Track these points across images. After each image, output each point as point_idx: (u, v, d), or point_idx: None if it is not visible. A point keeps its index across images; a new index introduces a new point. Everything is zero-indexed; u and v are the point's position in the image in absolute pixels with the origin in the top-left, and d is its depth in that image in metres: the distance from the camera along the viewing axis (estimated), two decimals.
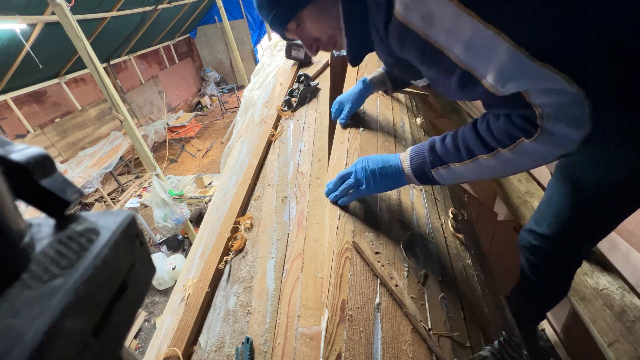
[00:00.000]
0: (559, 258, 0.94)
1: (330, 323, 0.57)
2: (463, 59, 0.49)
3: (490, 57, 0.46)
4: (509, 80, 0.47)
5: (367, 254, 0.66)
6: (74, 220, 0.19)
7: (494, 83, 0.49)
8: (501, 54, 0.45)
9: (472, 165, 0.61)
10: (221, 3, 5.33)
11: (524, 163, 0.56)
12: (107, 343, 0.17)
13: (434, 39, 0.49)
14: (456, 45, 0.48)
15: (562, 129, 0.48)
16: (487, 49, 0.46)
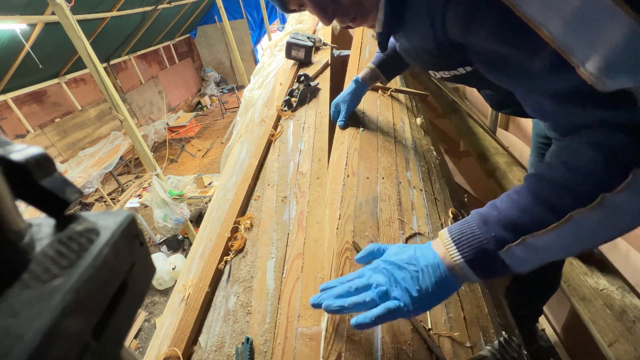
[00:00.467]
0: None
1: (330, 323, 0.57)
2: (559, 37, 0.35)
3: (599, 35, 0.34)
4: (620, 71, 0.34)
5: None
6: (74, 220, 0.19)
7: (597, 72, 0.35)
8: (616, 33, 0.33)
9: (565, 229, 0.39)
10: (221, 3, 5.33)
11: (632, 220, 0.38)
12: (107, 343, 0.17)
13: (524, 9, 0.36)
14: (554, 19, 0.35)
15: None
16: (598, 24, 0.33)
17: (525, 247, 0.41)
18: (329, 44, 1.87)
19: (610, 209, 0.37)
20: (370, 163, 0.93)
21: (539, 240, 0.40)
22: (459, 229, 0.47)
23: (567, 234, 0.39)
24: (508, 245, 0.42)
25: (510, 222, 0.42)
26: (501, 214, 0.43)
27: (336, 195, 0.82)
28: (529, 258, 0.42)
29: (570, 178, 0.39)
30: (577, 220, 0.38)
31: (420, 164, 1.01)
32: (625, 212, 0.37)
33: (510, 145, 2.00)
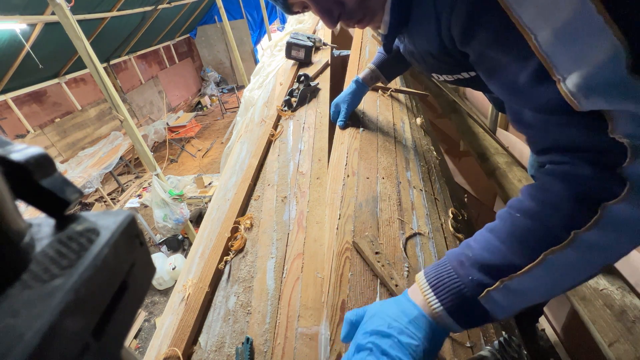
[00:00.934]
0: None
1: (330, 323, 0.57)
2: (546, 48, 0.35)
3: (584, 52, 0.33)
4: (598, 93, 0.33)
5: (367, 254, 0.66)
6: (74, 220, 0.19)
7: (575, 89, 0.34)
8: (601, 52, 0.32)
9: (539, 271, 0.38)
10: (221, 3, 5.33)
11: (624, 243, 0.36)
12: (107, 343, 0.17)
13: (519, 15, 0.35)
14: (544, 28, 0.34)
15: None
16: (585, 40, 0.32)
17: (504, 292, 0.39)
18: (329, 44, 1.87)
19: (583, 247, 0.36)
20: (370, 163, 0.93)
21: (516, 283, 0.38)
22: (435, 271, 0.45)
23: (543, 275, 0.38)
24: (487, 289, 0.40)
25: (485, 264, 0.41)
26: (475, 254, 0.42)
27: (336, 195, 0.82)
28: (509, 303, 0.40)
29: (541, 213, 0.38)
30: (551, 260, 0.37)
31: (420, 164, 1.01)
32: (599, 249, 0.36)
33: (510, 145, 2.00)
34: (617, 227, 0.35)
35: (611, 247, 0.36)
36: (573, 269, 0.38)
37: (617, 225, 0.34)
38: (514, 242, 0.39)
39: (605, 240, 0.35)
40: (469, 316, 0.42)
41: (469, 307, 0.41)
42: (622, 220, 0.34)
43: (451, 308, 0.41)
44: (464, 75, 0.58)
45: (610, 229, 0.35)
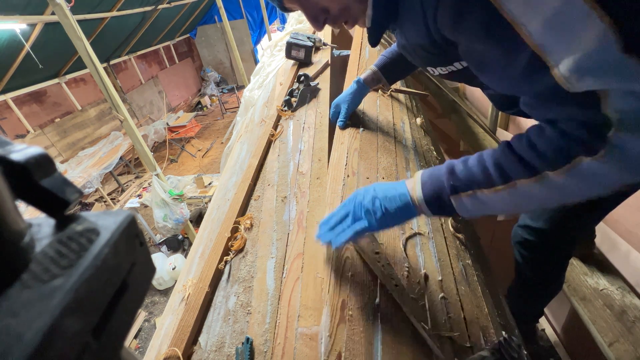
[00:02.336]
0: (553, 251, 0.96)
1: (331, 323, 0.57)
2: (537, 37, 0.37)
3: (574, 39, 0.35)
4: (589, 74, 0.36)
5: (367, 254, 0.66)
6: (74, 220, 0.19)
7: (567, 74, 0.37)
8: (590, 37, 0.34)
9: (506, 193, 0.47)
10: (221, 3, 5.33)
11: (580, 190, 0.43)
12: (107, 343, 0.17)
13: (508, 7, 0.37)
14: (534, 19, 0.37)
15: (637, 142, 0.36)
16: (574, 27, 0.35)
17: (473, 200, 0.50)
18: (329, 44, 1.87)
19: (547, 185, 0.43)
20: (370, 163, 0.93)
21: (485, 196, 0.48)
22: (429, 173, 0.56)
23: (508, 196, 0.47)
24: (459, 193, 0.51)
25: (470, 177, 0.50)
26: (467, 170, 0.51)
27: (336, 195, 0.82)
28: (473, 209, 0.51)
29: (527, 152, 0.45)
30: (519, 187, 0.46)
31: (420, 164, 1.01)
32: (559, 190, 0.44)
33: None
34: (583, 178, 0.41)
35: (572, 190, 0.43)
36: (532, 199, 0.46)
37: (583, 177, 0.41)
38: (500, 169, 0.48)
39: (570, 185, 0.42)
40: (439, 206, 0.54)
41: (441, 201, 0.53)
42: (588, 174, 0.41)
43: (428, 199, 0.54)
44: (456, 66, 0.60)
45: (578, 177, 0.41)
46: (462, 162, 0.53)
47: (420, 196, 0.55)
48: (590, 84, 0.37)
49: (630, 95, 0.36)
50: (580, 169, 0.41)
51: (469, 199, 0.50)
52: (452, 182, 0.52)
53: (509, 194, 0.47)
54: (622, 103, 0.36)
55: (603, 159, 0.39)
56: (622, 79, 0.35)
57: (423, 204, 0.55)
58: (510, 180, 0.46)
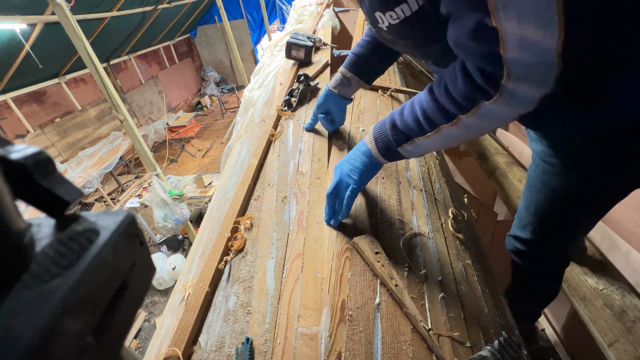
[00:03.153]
0: (546, 260, 0.96)
1: (331, 323, 0.57)
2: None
3: None
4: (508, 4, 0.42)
5: (367, 254, 0.66)
6: (74, 220, 0.19)
7: None
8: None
9: (435, 137, 0.61)
10: (221, 3, 5.33)
11: (486, 126, 0.58)
12: (107, 343, 0.17)
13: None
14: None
15: (524, 89, 0.47)
16: None
17: (413, 146, 0.65)
18: (329, 44, 1.87)
19: (462, 126, 0.57)
20: None
21: (421, 142, 0.63)
22: (378, 130, 0.69)
23: (437, 139, 0.62)
24: (402, 144, 0.66)
25: (407, 130, 0.64)
26: (403, 124, 0.64)
27: None
28: (415, 152, 0.66)
29: (445, 100, 0.57)
30: (442, 131, 0.60)
31: (420, 164, 1.01)
32: (471, 128, 0.57)
33: (510, 145, 2.00)
34: (486, 117, 0.54)
35: (481, 127, 0.57)
36: (455, 138, 0.61)
37: (486, 116, 0.54)
38: (427, 119, 0.61)
39: (478, 123, 0.56)
40: (391, 156, 0.69)
41: (392, 152, 0.68)
42: (488, 113, 0.53)
43: (382, 152, 0.69)
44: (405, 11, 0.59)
45: (482, 117, 0.54)
46: (399, 115, 0.66)
47: (376, 151, 0.70)
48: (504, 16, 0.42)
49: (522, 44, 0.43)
50: (483, 110, 0.53)
51: (410, 146, 0.66)
52: (395, 137, 0.66)
53: (438, 137, 0.61)
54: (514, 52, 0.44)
55: (497, 101, 0.50)
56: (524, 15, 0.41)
57: (380, 157, 0.70)
58: (437, 127, 0.60)
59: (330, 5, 2.76)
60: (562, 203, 0.82)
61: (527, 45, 0.43)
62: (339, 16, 2.68)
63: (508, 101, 0.50)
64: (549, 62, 0.43)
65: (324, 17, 2.39)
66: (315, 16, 2.46)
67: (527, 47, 0.43)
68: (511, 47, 0.44)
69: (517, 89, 0.47)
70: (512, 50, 0.44)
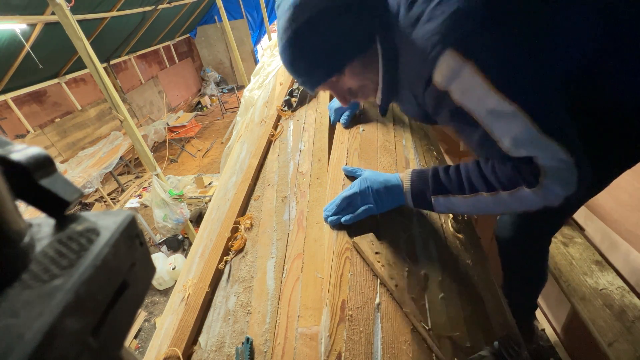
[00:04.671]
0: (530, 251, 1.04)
1: (331, 323, 0.57)
2: (484, 121, 0.58)
3: (508, 126, 0.56)
4: (522, 147, 0.56)
5: (367, 254, 0.66)
6: (74, 220, 0.19)
7: (508, 146, 0.57)
8: (518, 126, 0.54)
9: (471, 200, 0.67)
10: (221, 3, 5.32)
11: (514, 206, 0.64)
12: (107, 343, 0.17)
13: (466, 105, 0.58)
14: (481, 111, 0.57)
15: (555, 187, 0.58)
16: (505, 118, 0.55)
17: (446, 200, 0.69)
18: None
19: (498, 199, 0.64)
20: (370, 163, 0.93)
21: (456, 200, 0.68)
22: (417, 174, 0.74)
23: (471, 202, 0.67)
24: (437, 195, 0.70)
25: (449, 184, 0.69)
26: (446, 178, 0.70)
27: (336, 195, 0.82)
28: (444, 205, 0.70)
29: (491, 176, 0.64)
30: (479, 198, 0.66)
31: (420, 164, 1.01)
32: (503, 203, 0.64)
33: None
34: (520, 199, 0.61)
35: (511, 205, 0.63)
36: (485, 207, 0.66)
37: (520, 198, 0.61)
38: (470, 183, 0.67)
39: (510, 201, 0.63)
40: (419, 202, 0.73)
41: (423, 198, 0.72)
42: (524, 197, 0.61)
43: (414, 194, 0.73)
44: None
45: (516, 198, 0.62)
46: (444, 170, 0.71)
47: (409, 191, 0.73)
48: (523, 152, 0.57)
49: (548, 158, 0.56)
50: (520, 194, 0.61)
51: (443, 199, 0.69)
52: (435, 186, 0.70)
53: (473, 200, 0.66)
54: (545, 162, 0.56)
55: (534, 191, 0.59)
56: (542, 150, 0.55)
57: (409, 198, 0.73)
58: (476, 192, 0.66)
59: None
60: None
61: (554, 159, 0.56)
62: None
63: (542, 193, 0.59)
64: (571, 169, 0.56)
65: None
66: None
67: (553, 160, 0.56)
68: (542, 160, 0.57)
69: (551, 186, 0.58)
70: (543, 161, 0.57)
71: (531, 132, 0.54)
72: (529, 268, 1.10)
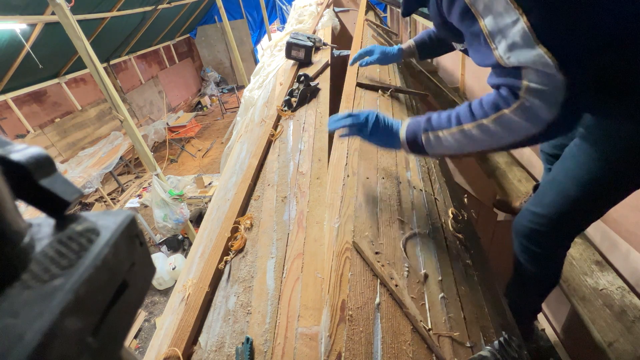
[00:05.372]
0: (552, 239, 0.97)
1: (331, 323, 0.57)
2: (489, 27, 0.60)
3: (507, 31, 0.57)
4: (514, 54, 0.57)
5: (367, 254, 0.66)
6: (74, 220, 0.19)
7: (503, 53, 0.59)
8: (517, 31, 0.56)
9: (457, 134, 0.69)
10: (221, 3, 5.33)
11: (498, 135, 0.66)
12: (107, 343, 0.17)
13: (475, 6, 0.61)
14: (488, 15, 0.59)
15: (537, 105, 0.58)
16: (508, 24, 0.57)
17: (435, 137, 0.72)
18: (329, 44, 1.87)
19: (482, 129, 0.66)
20: (370, 163, 0.93)
21: (443, 136, 0.71)
22: (416, 118, 0.78)
23: (456, 136, 0.69)
24: (427, 132, 0.73)
25: (438, 122, 0.72)
26: (439, 118, 0.73)
27: (336, 195, 0.82)
28: (435, 145, 0.72)
29: (475, 106, 0.67)
30: (465, 129, 0.68)
31: (420, 164, 1.01)
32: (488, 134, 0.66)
33: None
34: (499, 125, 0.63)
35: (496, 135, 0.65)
36: (471, 141, 0.68)
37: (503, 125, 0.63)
38: (457, 117, 0.70)
39: (495, 130, 0.64)
40: (414, 144, 0.76)
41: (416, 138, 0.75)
42: (504, 123, 0.63)
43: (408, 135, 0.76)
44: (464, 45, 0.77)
45: (500, 125, 0.64)
46: (438, 113, 0.75)
47: (404, 133, 0.77)
48: (514, 61, 0.58)
49: (537, 72, 0.56)
50: (502, 119, 0.62)
51: (433, 136, 0.72)
52: (425, 125, 0.74)
53: (459, 135, 0.69)
54: (531, 76, 0.57)
55: (515, 110, 0.60)
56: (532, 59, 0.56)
57: (404, 140, 0.77)
58: (460, 124, 0.69)
59: (330, 5, 2.76)
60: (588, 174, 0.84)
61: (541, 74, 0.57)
62: (339, 16, 2.68)
63: (523, 112, 0.60)
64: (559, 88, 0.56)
65: (324, 17, 2.39)
66: (315, 16, 2.46)
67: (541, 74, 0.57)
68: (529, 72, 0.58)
69: (532, 103, 0.58)
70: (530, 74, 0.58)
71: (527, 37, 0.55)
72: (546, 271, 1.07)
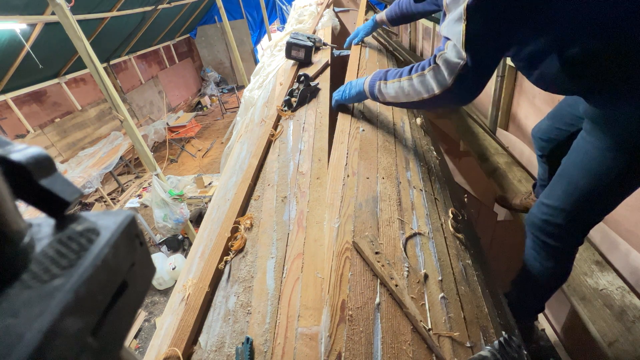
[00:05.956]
0: (565, 232, 0.95)
1: (331, 323, 0.57)
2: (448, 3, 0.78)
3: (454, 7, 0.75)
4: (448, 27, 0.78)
5: (367, 254, 0.66)
6: (74, 220, 0.19)
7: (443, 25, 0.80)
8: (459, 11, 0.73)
9: (396, 84, 0.92)
10: (221, 3, 5.33)
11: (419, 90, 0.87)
12: (107, 343, 0.17)
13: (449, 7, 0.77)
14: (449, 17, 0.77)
15: (442, 74, 0.80)
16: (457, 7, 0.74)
17: (384, 85, 0.97)
18: (329, 44, 1.87)
19: (409, 83, 0.89)
20: (370, 163, 0.93)
21: (388, 85, 0.95)
22: (375, 72, 1.03)
23: (396, 86, 0.93)
24: (380, 81, 0.99)
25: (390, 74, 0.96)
26: (392, 71, 0.96)
27: (336, 195, 0.82)
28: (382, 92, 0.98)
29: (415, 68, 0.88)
30: (401, 82, 0.91)
31: (420, 164, 1.01)
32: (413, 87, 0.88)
33: (510, 145, 2.00)
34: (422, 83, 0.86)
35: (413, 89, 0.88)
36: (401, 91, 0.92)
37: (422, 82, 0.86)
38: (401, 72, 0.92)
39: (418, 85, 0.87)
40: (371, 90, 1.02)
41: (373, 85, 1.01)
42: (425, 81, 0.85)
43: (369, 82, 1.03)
44: None
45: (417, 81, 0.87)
46: (396, 68, 0.96)
47: (368, 82, 1.03)
48: (444, 32, 0.79)
49: (453, 47, 0.77)
50: (423, 78, 0.85)
51: (383, 84, 0.96)
52: (382, 75, 0.98)
53: (397, 85, 0.92)
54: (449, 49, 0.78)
55: (430, 71, 0.83)
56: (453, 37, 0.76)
57: (367, 87, 1.03)
58: (401, 77, 0.91)
59: (330, 5, 2.75)
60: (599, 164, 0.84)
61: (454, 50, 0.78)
62: (339, 16, 2.68)
63: (433, 76, 0.82)
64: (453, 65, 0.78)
65: (324, 17, 2.39)
66: (315, 16, 2.46)
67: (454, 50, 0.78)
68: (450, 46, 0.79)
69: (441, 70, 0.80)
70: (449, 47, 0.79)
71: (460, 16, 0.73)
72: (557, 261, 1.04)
